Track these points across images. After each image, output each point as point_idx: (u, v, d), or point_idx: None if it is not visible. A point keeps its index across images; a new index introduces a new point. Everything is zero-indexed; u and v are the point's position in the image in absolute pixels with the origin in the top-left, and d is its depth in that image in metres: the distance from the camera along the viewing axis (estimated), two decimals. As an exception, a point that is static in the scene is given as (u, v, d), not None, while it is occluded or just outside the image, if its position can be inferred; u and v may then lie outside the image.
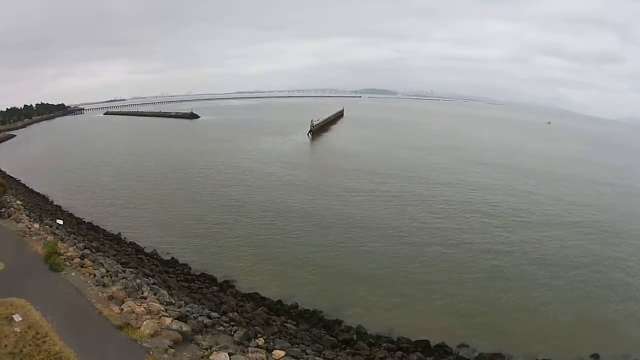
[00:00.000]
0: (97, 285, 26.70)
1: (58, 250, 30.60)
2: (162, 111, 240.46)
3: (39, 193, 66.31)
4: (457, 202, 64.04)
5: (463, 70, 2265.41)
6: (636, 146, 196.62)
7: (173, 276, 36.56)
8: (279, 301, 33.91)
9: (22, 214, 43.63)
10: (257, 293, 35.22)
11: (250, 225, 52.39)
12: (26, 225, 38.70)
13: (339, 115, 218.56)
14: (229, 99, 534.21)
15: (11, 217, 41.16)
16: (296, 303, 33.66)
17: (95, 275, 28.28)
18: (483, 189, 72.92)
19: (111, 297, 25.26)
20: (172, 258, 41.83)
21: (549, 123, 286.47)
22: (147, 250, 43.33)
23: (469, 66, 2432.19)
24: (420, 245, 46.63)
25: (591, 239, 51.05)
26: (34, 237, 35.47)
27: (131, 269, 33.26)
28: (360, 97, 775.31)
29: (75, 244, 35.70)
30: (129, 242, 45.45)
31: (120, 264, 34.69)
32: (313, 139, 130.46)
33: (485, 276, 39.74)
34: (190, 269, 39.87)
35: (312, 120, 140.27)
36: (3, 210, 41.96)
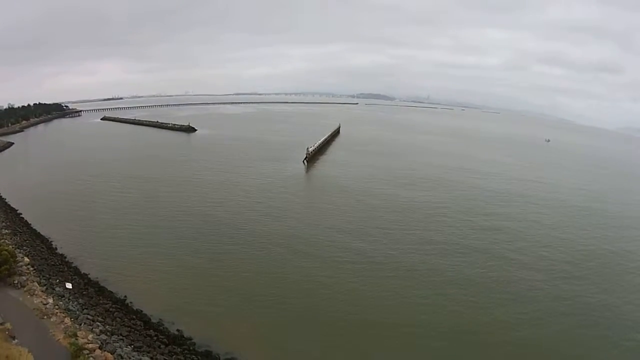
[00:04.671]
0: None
1: (81, 345, 33.34)
2: (159, 121, 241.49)
3: (42, 236, 68.01)
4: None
5: (460, 77, 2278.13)
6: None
7: (182, 358, 39.25)
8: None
9: (33, 281, 45.81)
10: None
11: (248, 287, 54.14)
12: (41, 302, 40.97)
13: (335, 133, 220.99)
14: (226, 103, 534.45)
15: (25, 289, 43.43)
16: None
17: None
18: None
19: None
20: (178, 330, 44.03)
21: (548, 141, 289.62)
22: (153, 320, 45.42)
23: (467, 73, 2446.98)
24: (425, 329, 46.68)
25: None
26: (52, 319, 38.17)
27: (147, 359, 36.34)
28: (357, 103, 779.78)
29: (91, 327, 38.46)
30: (135, 309, 47.50)
31: (135, 349, 37.88)
32: (308, 167, 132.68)
33: None
34: (194, 344, 42.23)
35: (307, 148, 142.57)
36: (16, 281, 44.17)
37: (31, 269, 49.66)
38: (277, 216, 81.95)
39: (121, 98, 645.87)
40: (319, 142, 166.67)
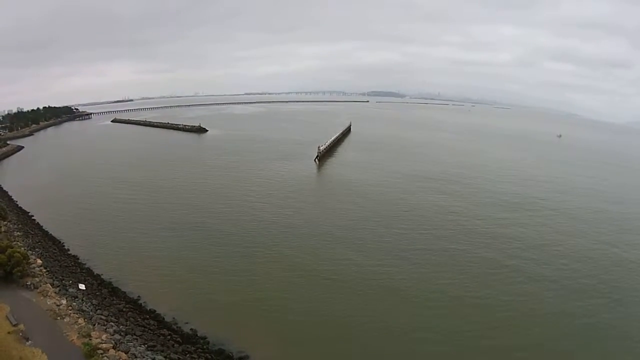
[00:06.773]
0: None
1: (94, 345, 33.05)
2: (170, 122, 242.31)
3: (54, 238, 68.44)
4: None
5: (471, 74, 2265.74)
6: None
7: (195, 356, 38.95)
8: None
9: (46, 282, 45.67)
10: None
11: (260, 288, 53.59)
12: (54, 302, 40.76)
13: (346, 132, 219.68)
14: (236, 103, 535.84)
15: (38, 290, 43.27)
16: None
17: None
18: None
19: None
20: (192, 329, 43.75)
21: (560, 136, 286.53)
22: (167, 320, 45.23)
23: (477, 70, 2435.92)
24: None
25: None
26: (65, 320, 38.03)
27: (161, 358, 36.31)
28: (367, 101, 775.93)
29: (105, 327, 38.27)
30: (149, 308, 47.25)
31: (149, 348, 37.69)
32: (319, 167, 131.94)
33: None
34: (208, 343, 41.96)
35: (318, 147, 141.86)
36: (29, 282, 44.02)
37: (44, 270, 49.65)
38: (289, 219, 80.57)
39: (131, 100, 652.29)
40: (330, 140, 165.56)
